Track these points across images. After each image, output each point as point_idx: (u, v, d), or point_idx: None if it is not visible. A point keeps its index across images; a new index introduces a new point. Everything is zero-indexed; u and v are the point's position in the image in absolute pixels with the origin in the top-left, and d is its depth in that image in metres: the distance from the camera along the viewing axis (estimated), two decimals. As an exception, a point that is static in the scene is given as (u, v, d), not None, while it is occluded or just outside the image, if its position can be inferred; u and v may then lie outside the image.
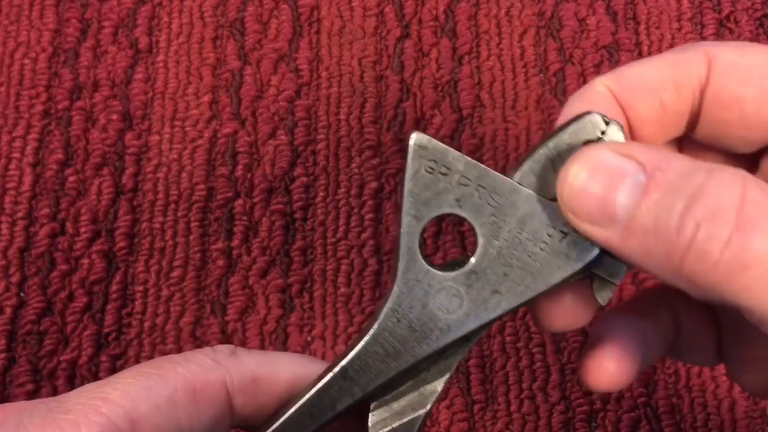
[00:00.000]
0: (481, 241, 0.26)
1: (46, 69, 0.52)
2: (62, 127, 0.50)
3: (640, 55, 0.52)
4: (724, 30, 0.53)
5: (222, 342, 0.46)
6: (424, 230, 0.26)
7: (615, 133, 0.25)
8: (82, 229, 0.48)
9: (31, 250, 0.48)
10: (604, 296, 0.26)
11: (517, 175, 0.26)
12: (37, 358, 0.46)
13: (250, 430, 0.27)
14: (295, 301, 0.47)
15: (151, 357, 0.46)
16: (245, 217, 0.49)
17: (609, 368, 0.28)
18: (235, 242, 0.48)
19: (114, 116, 0.51)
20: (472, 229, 0.26)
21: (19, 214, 0.48)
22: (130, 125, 0.51)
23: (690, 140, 0.29)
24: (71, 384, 0.45)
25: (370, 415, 0.26)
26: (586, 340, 0.45)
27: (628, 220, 0.23)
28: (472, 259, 0.26)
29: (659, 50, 0.53)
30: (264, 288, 0.47)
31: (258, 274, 0.47)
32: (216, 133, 0.50)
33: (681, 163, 0.23)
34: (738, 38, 0.53)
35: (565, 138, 0.26)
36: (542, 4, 0.53)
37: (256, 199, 0.49)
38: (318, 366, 0.28)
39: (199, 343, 0.46)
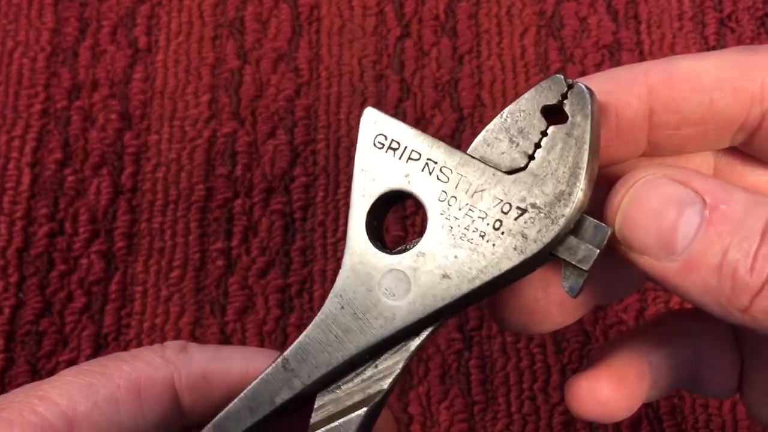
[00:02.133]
0: (430, 220, 0.23)
1: (45, 68, 0.51)
2: (61, 126, 0.50)
3: (641, 55, 0.52)
4: (725, 29, 0.53)
5: (221, 342, 0.46)
6: (373, 209, 0.24)
7: (579, 97, 0.23)
8: (81, 229, 0.48)
9: (29, 250, 0.48)
10: (572, 285, 0.23)
11: (470, 147, 0.24)
12: (36, 359, 0.46)
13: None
14: (295, 301, 0.47)
15: (150, 357, 0.46)
16: (244, 217, 0.48)
17: (600, 394, 0.26)
18: (235, 242, 0.48)
19: (113, 116, 0.50)
20: (421, 207, 0.24)
21: (18, 214, 0.48)
22: (129, 125, 0.50)
23: (730, 149, 0.26)
24: (70, 385, 0.45)
25: (312, 411, 0.24)
26: (587, 339, 0.45)
27: (689, 254, 0.22)
28: (421, 240, 0.24)
29: (660, 50, 0.52)
30: (263, 288, 0.47)
31: (257, 274, 0.47)
32: (215, 133, 0.50)
33: (743, 196, 0.22)
34: (739, 38, 0.53)
35: (521, 105, 0.24)
36: (543, 4, 0.53)
37: (255, 199, 0.49)
38: (266, 358, 0.27)
39: (198, 343, 0.46)
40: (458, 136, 0.50)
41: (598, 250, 0.23)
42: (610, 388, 0.26)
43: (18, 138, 0.50)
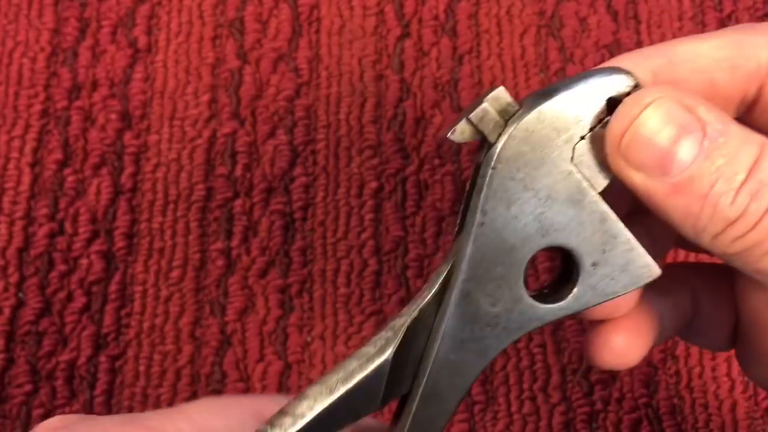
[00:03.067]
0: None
1: (45, 68, 0.51)
2: (61, 126, 0.50)
3: (641, 55, 0.52)
4: (726, 29, 0.53)
5: (221, 342, 0.46)
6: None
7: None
8: (81, 229, 0.48)
9: (29, 250, 0.48)
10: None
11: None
12: (36, 359, 0.46)
13: None
14: (295, 301, 0.47)
15: (150, 357, 0.46)
16: (244, 217, 0.48)
17: (617, 344, 0.28)
18: (235, 242, 0.48)
19: (113, 116, 0.50)
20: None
21: (18, 214, 0.48)
22: (129, 125, 0.50)
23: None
24: (70, 385, 0.45)
25: None
26: (587, 340, 0.45)
27: (681, 178, 0.23)
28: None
29: (660, 49, 0.52)
30: (263, 288, 0.47)
31: (257, 274, 0.47)
32: (215, 133, 0.50)
33: (739, 131, 0.23)
34: (739, 37, 0.53)
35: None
36: (543, 3, 0.53)
37: (255, 199, 0.49)
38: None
39: (198, 343, 0.46)
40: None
41: None
42: (626, 338, 0.28)
43: (18, 138, 0.50)
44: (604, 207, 0.25)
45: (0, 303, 0.46)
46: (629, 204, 0.27)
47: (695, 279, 0.30)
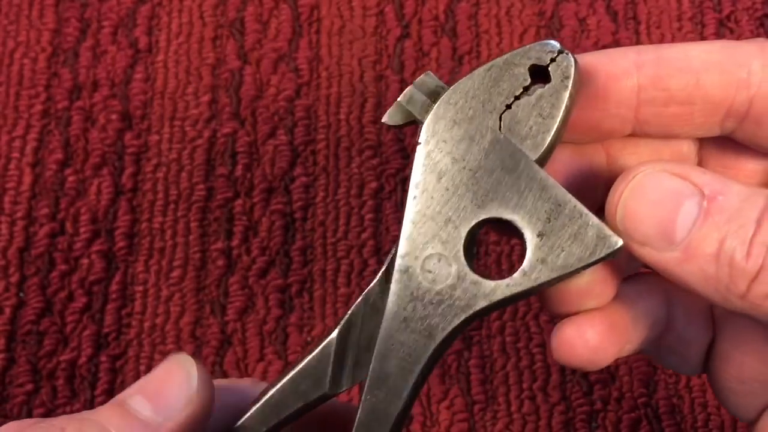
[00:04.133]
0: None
1: (46, 69, 0.52)
2: (61, 126, 0.50)
3: (641, 55, 0.52)
4: (725, 30, 0.53)
5: (221, 342, 0.46)
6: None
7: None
8: (82, 229, 0.48)
9: (30, 250, 0.48)
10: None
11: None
12: (37, 359, 0.46)
13: None
14: (295, 301, 0.47)
15: (150, 357, 0.46)
16: (245, 217, 0.48)
17: (590, 339, 0.26)
18: (235, 242, 0.48)
19: (113, 116, 0.51)
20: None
21: (19, 214, 0.48)
22: (130, 125, 0.50)
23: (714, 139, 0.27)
24: (71, 384, 0.45)
25: None
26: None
27: (688, 243, 0.22)
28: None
29: (660, 50, 0.52)
30: (263, 288, 0.47)
31: (257, 274, 0.47)
32: (215, 133, 0.50)
33: (741, 188, 0.22)
34: (738, 38, 0.53)
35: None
36: (542, 4, 0.53)
37: (255, 199, 0.49)
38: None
39: (198, 343, 0.46)
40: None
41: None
42: (600, 333, 0.27)
43: (19, 138, 0.50)
44: (543, 174, 0.24)
45: (1, 303, 0.47)
46: None
47: (672, 291, 0.29)
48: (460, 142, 0.25)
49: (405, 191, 0.49)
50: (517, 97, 0.25)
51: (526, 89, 0.25)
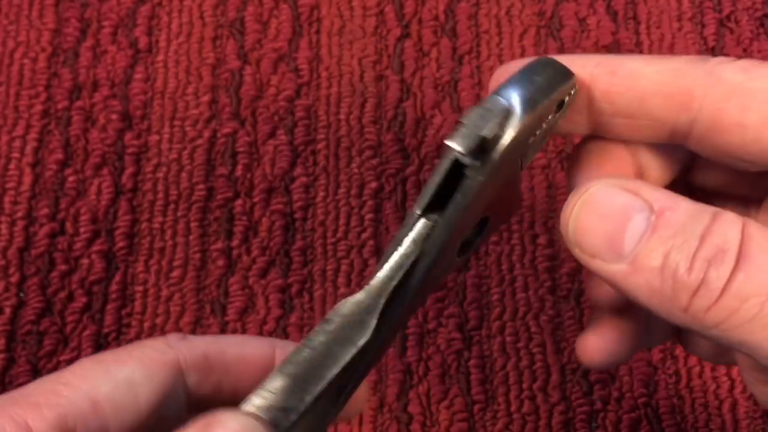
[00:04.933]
0: None
1: (46, 69, 0.52)
2: (62, 126, 0.50)
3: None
4: (725, 30, 0.53)
5: (222, 342, 0.46)
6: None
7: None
8: (82, 229, 0.48)
9: (30, 250, 0.48)
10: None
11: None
12: (37, 359, 0.46)
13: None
14: (295, 301, 0.47)
15: (150, 357, 0.46)
16: (245, 217, 0.48)
17: (607, 347, 0.29)
18: (235, 242, 0.48)
19: (113, 116, 0.51)
20: None
21: (19, 214, 0.48)
22: (130, 125, 0.50)
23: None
24: (71, 384, 0.45)
25: None
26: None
27: (635, 257, 0.23)
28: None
29: (660, 50, 0.52)
30: (264, 288, 0.47)
31: (258, 274, 0.47)
32: (215, 133, 0.50)
33: (688, 204, 0.23)
34: (738, 38, 0.53)
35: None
36: (543, 4, 0.53)
37: (255, 199, 0.49)
38: (260, 343, 0.29)
39: (198, 343, 0.46)
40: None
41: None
42: (614, 341, 0.29)
43: (19, 138, 0.50)
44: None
45: (1, 303, 0.47)
46: None
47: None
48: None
49: (405, 191, 0.49)
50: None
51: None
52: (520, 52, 0.52)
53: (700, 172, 0.29)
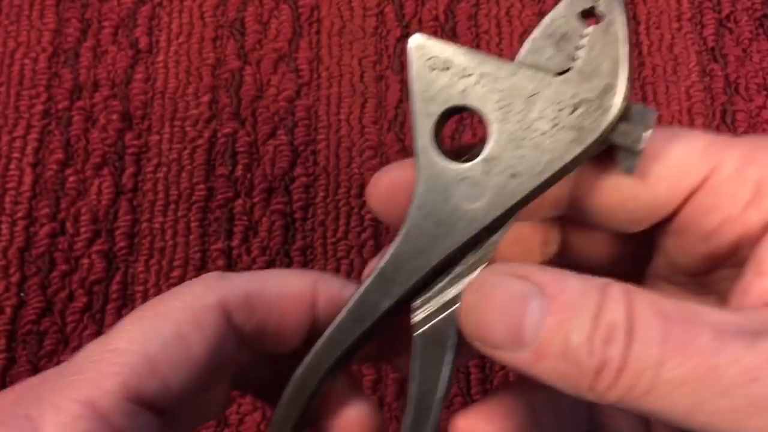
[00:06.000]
0: (492, 127, 0.26)
1: (46, 69, 0.52)
2: (62, 127, 0.50)
3: (641, 55, 0.52)
4: (724, 30, 0.53)
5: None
6: (438, 125, 0.26)
7: (610, 2, 0.25)
8: (82, 229, 0.48)
9: (31, 250, 0.48)
10: (628, 166, 0.25)
11: (518, 57, 0.26)
12: (37, 358, 0.46)
13: (258, 350, 0.28)
14: (295, 301, 0.47)
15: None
16: (245, 217, 0.49)
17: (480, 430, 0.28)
18: (235, 242, 0.48)
19: (114, 116, 0.51)
20: (481, 118, 0.26)
21: (19, 214, 0.48)
22: (130, 125, 0.51)
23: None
24: (71, 384, 0.45)
25: (411, 315, 0.26)
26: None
27: (537, 345, 0.23)
28: (486, 147, 0.26)
29: (659, 50, 0.52)
30: (264, 288, 0.47)
31: (258, 274, 0.47)
32: (216, 133, 0.50)
33: (576, 282, 0.23)
34: (738, 38, 0.53)
35: (559, 12, 0.26)
36: (542, 4, 0.53)
37: (256, 199, 0.49)
38: (300, 279, 0.29)
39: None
40: (458, 137, 0.50)
41: (649, 131, 0.25)
42: (491, 425, 0.29)
43: (20, 138, 0.50)
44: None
45: (1, 303, 0.47)
46: None
47: (532, 393, 0.30)
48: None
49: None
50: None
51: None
52: (520, 53, 0.52)
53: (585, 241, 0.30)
